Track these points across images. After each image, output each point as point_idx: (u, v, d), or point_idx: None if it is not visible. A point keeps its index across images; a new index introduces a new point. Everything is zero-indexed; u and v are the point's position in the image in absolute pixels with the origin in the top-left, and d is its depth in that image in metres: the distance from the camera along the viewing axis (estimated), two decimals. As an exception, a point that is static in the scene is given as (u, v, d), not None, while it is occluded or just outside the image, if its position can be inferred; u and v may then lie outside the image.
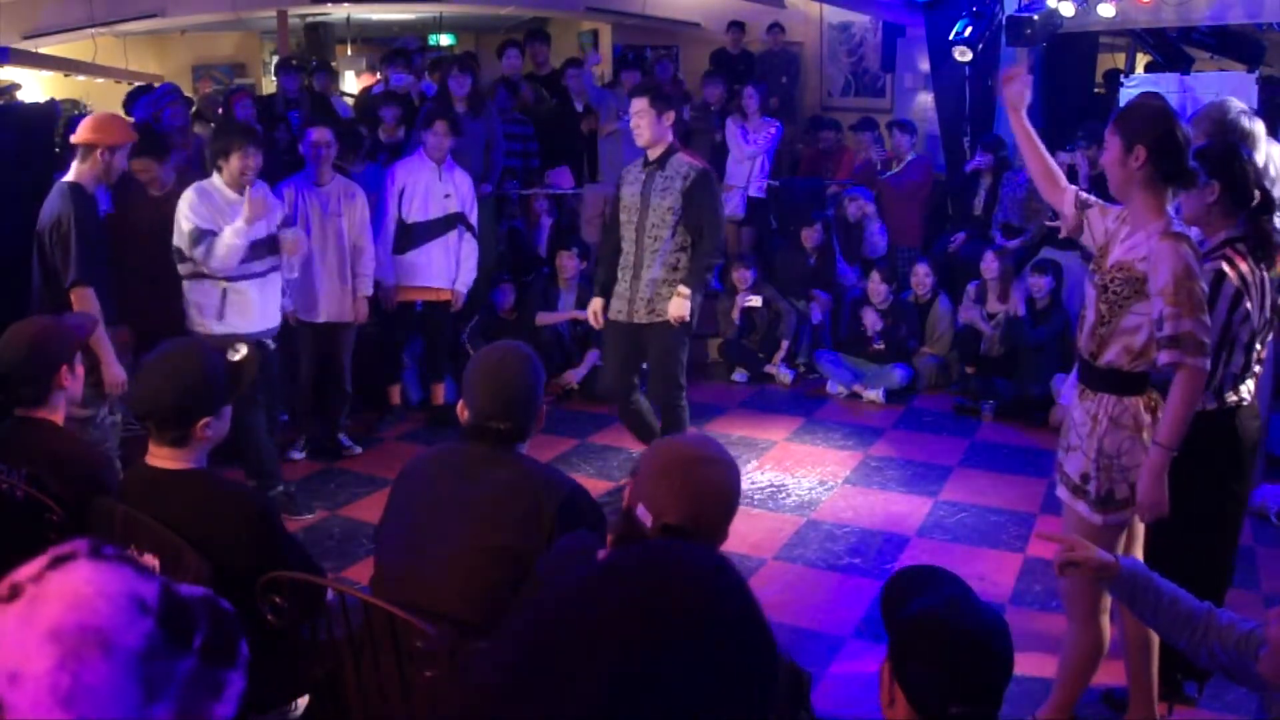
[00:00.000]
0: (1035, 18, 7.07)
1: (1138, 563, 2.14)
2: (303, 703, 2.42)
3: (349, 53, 11.81)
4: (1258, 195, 2.93)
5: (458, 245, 5.88)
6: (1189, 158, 2.69)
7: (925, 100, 8.78)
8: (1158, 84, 6.89)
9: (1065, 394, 5.04)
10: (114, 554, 1.06)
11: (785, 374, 7.11)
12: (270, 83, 11.08)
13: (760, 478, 5.40)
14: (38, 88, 9.50)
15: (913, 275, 7.07)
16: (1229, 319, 2.90)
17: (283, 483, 4.87)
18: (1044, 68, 8.01)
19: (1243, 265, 2.91)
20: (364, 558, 4.31)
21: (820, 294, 7.36)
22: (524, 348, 2.48)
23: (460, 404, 2.43)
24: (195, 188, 4.59)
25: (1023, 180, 7.22)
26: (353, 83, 10.84)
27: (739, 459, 5.60)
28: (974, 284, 6.76)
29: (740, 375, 7.18)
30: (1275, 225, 3.00)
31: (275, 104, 7.74)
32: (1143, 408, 2.77)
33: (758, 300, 7.13)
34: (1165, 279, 2.60)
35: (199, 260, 4.51)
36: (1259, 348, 3.03)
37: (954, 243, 7.48)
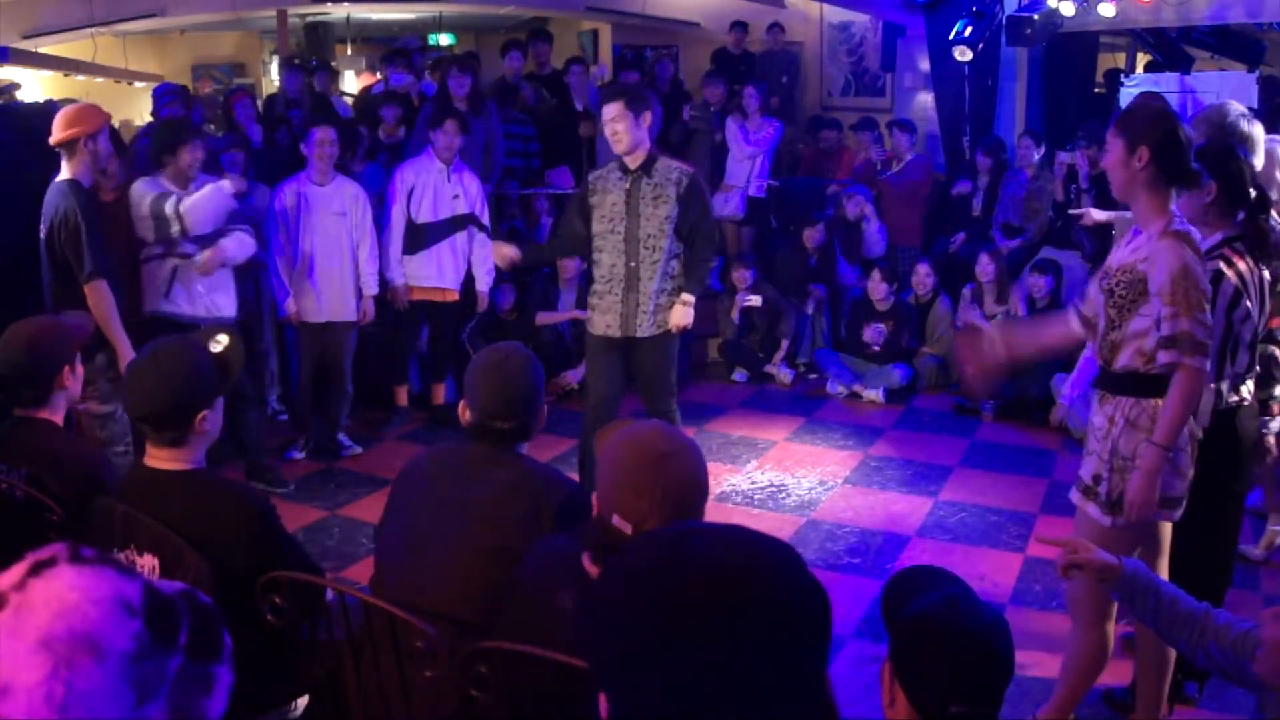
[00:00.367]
0: (1035, 18, 7.08)
1: (1140, 564, 2.14)
2: (303, 703, 2.42)
3: (349, 53, 11.80)
4: (1253, 194, 2.94)
5: (467, 246, 5.86)
6: (1192, 158, 2.70)
7: (925, 100, 8.78)
8: (1158, 84, 6.90)
9: (1066, 394, 5.03)
10: (94, 556, 1.05)
11: (785, 374, 7.11)
12: (270, 83, 11.10)
13: (760, 478, 5.40)
14: (38, 88, 9.50)
15: (914, 275, 7.06)
16: (1229, 319, 2.90)
17: (271, 467, 5.19)
18: (1044, 68, 8.02)
19: (1241, 264, 2.92)
20: (364, 558, 4.31)
21: (818, 288, 7.35)
22: (524, 348, 2.48)
23: (461, 404, 2.43)
24: (142, 180, 4.63)
25: (1023, 180, 7.23)
26: (353, 83, 10.83)
27: (739, 459, 5.64)
28: (969, 286, 6.76)
29: (740, 375, 7.18)
30: (1273, 224, 3.00)
31: (276, 104, 7.74)
32: (1160, 410, 2.75)
33: (758, 300, 7.13)
34: (1163, 278, 2.60)
35: (171, 216, 4.50)
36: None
37: (953, 244, 7.48)
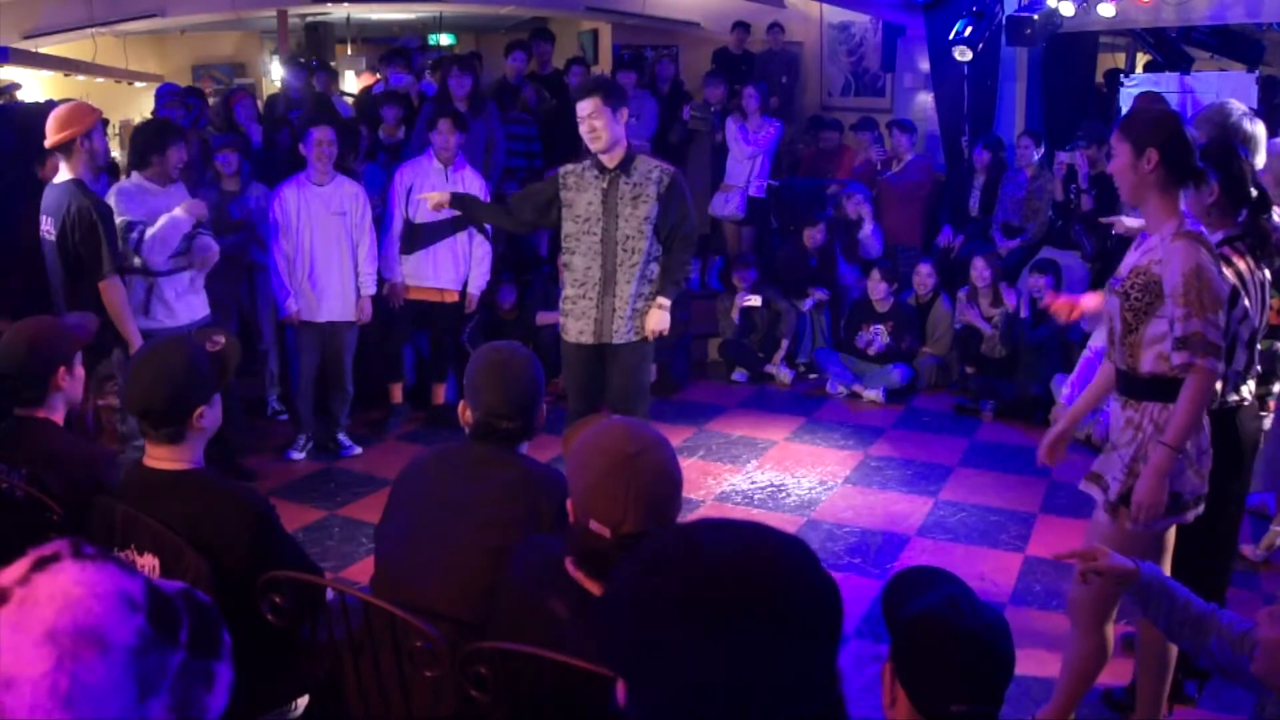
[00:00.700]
0: (1035, 18, 7.08)
1: (1155, 568, 2.15)
2: (303, 703, 2.42)
3: (349, 53, 11.81)
4: (1254, 194, 2.94)
5: (467, 246, 5.85)
6: (1197, 157, 2.70)
7: (925, 100, 8.77)
8: (1158, 84, 6.90)
9: (1066, 394, 5.03)
10: (96, 552, 1.07)
11: (785, 374, 7.11)
12: (270, 84, 11.09)
13: (760, 478, 5.41)
14: (38, 88, 9.51)
15: (915, 275, 7.06)
16: (1228, 318, 2.90)
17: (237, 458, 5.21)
18: (1044, 68, 8.02)
19: (1240, 264, 2.92)
20: (364, 558, 4.31)
21: (820, 291, 7.35)
22: (525, 348, 2.48)
23: (461, 405, 2.42)
24: (116, 190, 4.63)
25: (1022, 180, 7.22)
26: (353, 83, 10.83)
27: (739, 459, 5.64)
28: (963, 290, 6.76)
29: (740, 375, 7.18)
30: (1274, 223, 3.01)
31: (277, 105, 7.74)
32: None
33: (758, 300, 7.14)
34: (1175, 280, 2.60)
35: (130, 252, 4.53)
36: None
37: (953, 244, 7.46)
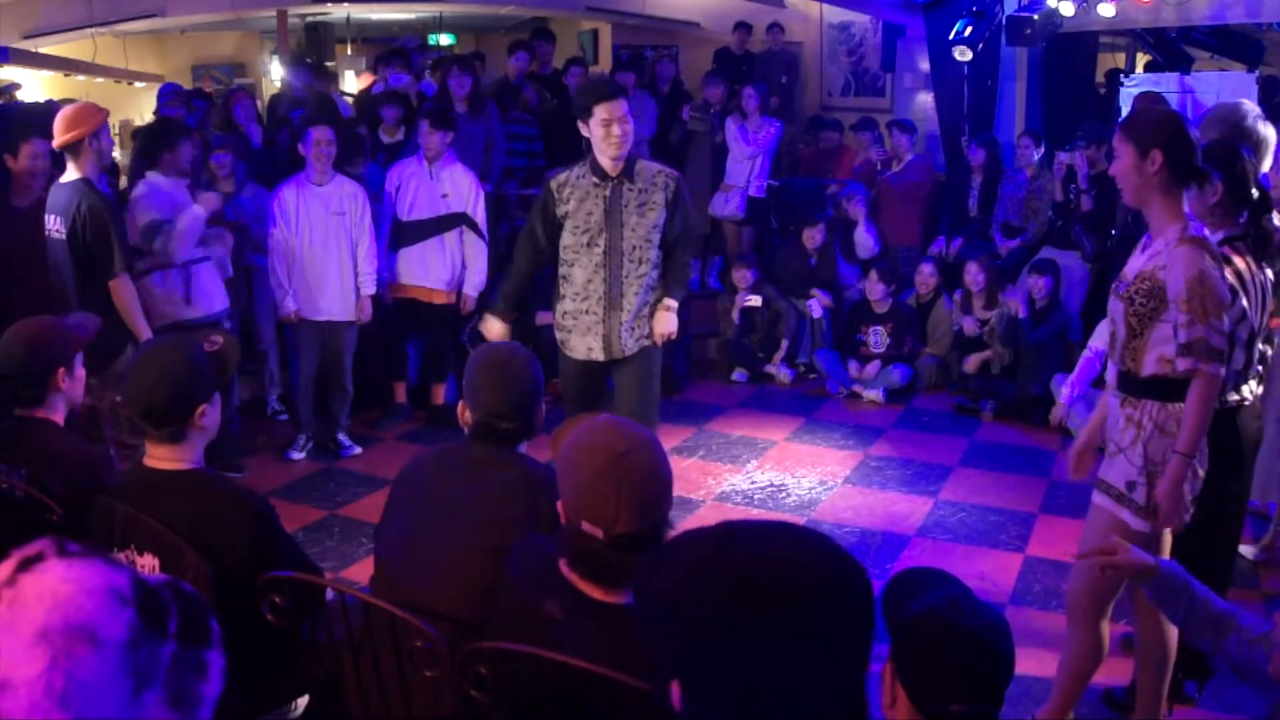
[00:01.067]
0: (1035, 18, 7.08)
1: (1176, 565, 2.14)
2: (303, 703, 2.42)
3: (349, 53, 11.80)
4: (1255, 195, 2.95)
5: (457, 246, 5.84)
6: (1200, 157, 2.70)
7: (925, 100, 8.78)
8: (1158, 84, 6.90)
9: (1066, 394, 5.03)
10: (81, 549, 1.07)
11: (785, 374, 7.10)
12: (270, 84, 11.09)
13: (760, 478, 5.41)
14: (38, 87, 9.50)
15: (917, 274, 7.06)
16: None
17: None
18: (1044, 68, 8.02)
19: (1240, 263, 2.92)
20: (364, 558, 4.31)
21: (823, 294, 7.35)
22: (524, 348, 2.48)
23: (461, 405, 2.42)
24: (141, 192, 4.72)
25: (1022, 180, 7.22)
26: (353, 83, 10.83)
27: (739, 459, 5.64)
28: (958, 293, 6.76)
29: (740, 375, 7.17)
30: (1275, 223, 3.01)
31: (278, 105, 7.74)
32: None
33: (758, 300, 7.13)
34: (1179, 285, 2.60)
35: (158, 251, 4.65)
36: (1267, 348, 3.02)
37: (948, 252, 7.44)
